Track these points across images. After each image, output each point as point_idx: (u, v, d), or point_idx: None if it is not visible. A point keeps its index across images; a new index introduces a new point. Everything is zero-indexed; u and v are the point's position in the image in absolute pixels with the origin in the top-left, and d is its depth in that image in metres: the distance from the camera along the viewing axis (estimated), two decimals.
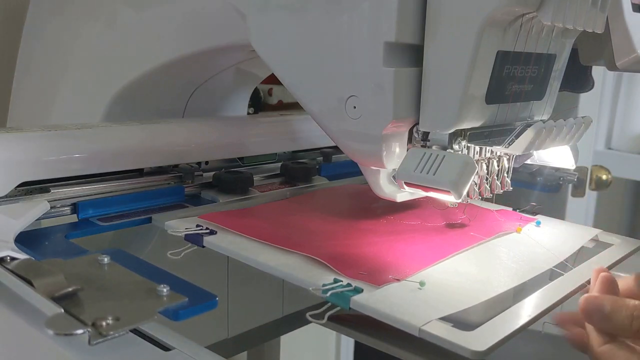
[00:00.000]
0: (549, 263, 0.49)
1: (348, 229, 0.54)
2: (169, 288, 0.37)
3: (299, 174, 0.71)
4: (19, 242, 0.45)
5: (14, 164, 0.52)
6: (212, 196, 0.63)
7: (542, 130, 0.47)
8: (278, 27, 0.49)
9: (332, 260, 0.45)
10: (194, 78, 0.75)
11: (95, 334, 0.32)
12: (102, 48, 0.72)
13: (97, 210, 0.55)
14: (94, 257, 0.41)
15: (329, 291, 0.40)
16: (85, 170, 0.56)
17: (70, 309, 0.34)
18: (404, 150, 0.48)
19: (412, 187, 0.47)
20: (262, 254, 0.47)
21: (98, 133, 0.59)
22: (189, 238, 0.50)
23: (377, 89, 0.45)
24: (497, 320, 0.38)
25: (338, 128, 0.49)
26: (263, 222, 0.54)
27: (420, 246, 0.51)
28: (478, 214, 0.59)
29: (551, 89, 0.53)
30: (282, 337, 0.98)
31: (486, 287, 0.44)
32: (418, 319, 0.37)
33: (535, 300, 0.42)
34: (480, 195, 0.53)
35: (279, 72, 0.51)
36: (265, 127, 0.76)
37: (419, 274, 0.45)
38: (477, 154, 0.50)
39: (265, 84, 1.15)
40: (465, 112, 0.45)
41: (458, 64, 0.43)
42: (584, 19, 0.45)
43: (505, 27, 0.44)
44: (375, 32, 0.44)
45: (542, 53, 0.49)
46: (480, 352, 0.34)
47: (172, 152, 0.63)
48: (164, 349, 0.35)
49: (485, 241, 0.53)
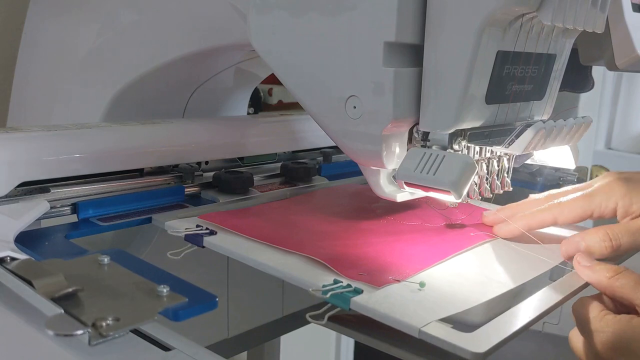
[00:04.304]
0: (549, 264, 0.49)
1: (348, 229, 0.54)
2: (169, 288, 0.37)
3: (299, 174, 0.71)
4: (19, 242, 0.45)
5: (14, 164, 0.52)
6: (212, 196, 0.62)
7: (542, 130, 0.47)
8: (278, 27, 0.49)
9: (332, 261, 0.45)
10: (194, 78, 0.75)
11: (95, 335, 0.32)
12: (102, 48, 0.72)
13: (97, 210, 0.55)
14: (94, 257, 0.41)
15: (329, 292, 0.40)
16: (85, 170, 0.56)
17: (70, 310, 0.33)
18: (404, 150, 0.48)
19: (412, 187, 0.47)
20: (262, 254, 0.47)
21: (98, 133, 0.59)
22: (189, 238, 0.50)
23: (377, 89, 0.45)
24: (497, 322, 0.38)
25: (338, 128, 0.49)
26: (263, 222, 0.54)
27: (420, 247, 0.51)
28: (478, 214, 0.59)
29: (551, 89, 0.53)
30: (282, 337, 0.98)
31: (486, 288, 0.44)
32: (418, 320, 0.37)
33: (535, 301, 0.42)
34: (480, 195, 0.53)
35: (278, 72, 0.51)
36: (265, 127, 0.76)
37: (419, 274, 0.45)
38: (477, 154, 0.50)
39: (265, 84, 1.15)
40: (465, 112, 0.45)
41: (458, 64, 0.43)
42: (584, 19, 0.45)
43: (505, 27, 0.44)
44: (375, 32, 0.44)
45: (542, 53, 0.49)
46: (480, 354, 0.34)
47: (172, 152, 0.63)
48: (164, 349, 0.35)
49: (485, 242, 0.53)
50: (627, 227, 0.49)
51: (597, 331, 0.43)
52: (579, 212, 0.51)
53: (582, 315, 0.45)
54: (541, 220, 0.53)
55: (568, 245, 0.50)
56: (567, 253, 0.50)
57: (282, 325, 0.82)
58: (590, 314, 0.44)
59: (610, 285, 0.44)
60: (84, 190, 0.56)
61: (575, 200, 0.51)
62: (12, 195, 0.51)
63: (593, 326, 0.43)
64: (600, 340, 0.43)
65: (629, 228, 0.49)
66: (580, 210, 0.51)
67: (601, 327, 0.43)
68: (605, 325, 0.43)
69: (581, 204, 0.51)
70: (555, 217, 0.51)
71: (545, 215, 0.52)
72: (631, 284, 0.44)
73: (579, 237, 0.50)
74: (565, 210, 0.51)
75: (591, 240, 0.49)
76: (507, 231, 0.54)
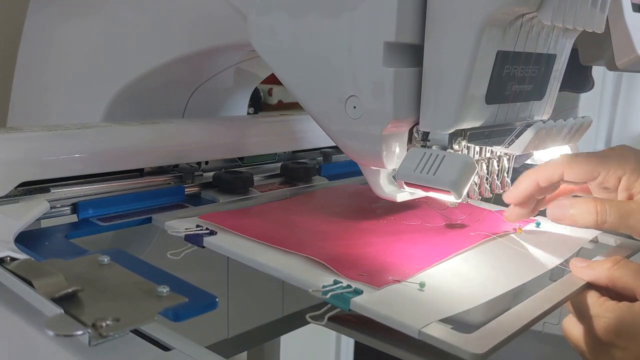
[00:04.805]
0: (549, 264, 0.49)
1: (348, 229, 0.54)
2: (169, 289, 0.37)
3: (299, 174, 0.70)
4: (19, 242, 0.45)
5: (14, 164, 0.52)
6: (212, 196, 0.62)
7: (542, 130, 0.47)
8: (278, 27, 0.49)
9: (332, 261, 0.45)
10: (194, 78, 0.75)
11: (95, 335, 0.32)
12: (102, 48, 0.72)
13: (97, 210, 0.55)
14: (94, 258, 0.41)
15: (329, 292, 0.40)
16: (85, 170, 0.56)
17: (70, 310, 0.33)
18: (404, 150, 0.48)
19: (412, 187, 0.47)
20: (262, 255, 0.47)
21: (98, 133, 0.59)
22: (189, 238, 0.50)
23: (377, 89, 0.45)
24: (497, 322, 0.38)
25: (338, 128, 0.49)
26: (263, 222, 0.54)
27: (420, 247, 0.51)
28: (478, 214, 0.59)
29: (551, 89, 0.53)
30: (282, 337, 0.98)
31: (486, 289, 0.43)
32: (418, 321, 0.37)
33: (535, 301, 0.42)
34: (480, 195, 0.53)
35: (279, 72, 0.51)
36: (265, 127, 0.76)
37: (419, 275, 0.45)
38: (477, 154, 0.50)
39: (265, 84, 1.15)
40: (465, 112, 0.45)
41: (458, 64, 0.43)
42: (584, 19, 0.45)
43: (505, 27, 0.44)
44: (375, 32, 0.44)
45: (542, 53, 0.49)
46: (480, 355, 0.34)
47: (172, 152, 0.63)
48: (164, 349, 0.35)
49: (485, 242, 0.53)
50: (618, 207, 0.49)
51: (597, 316, 0.43)
52: (587, 168, 0.50)
53: (580, 302, 0.45)
54: (549, 174, 0.51)
55: (555, 209, 0.51)
56: (553, 215, 0.51)
57: (282, 325, 0.82)
58: (589, 300, 0.44)
59: (611, 276, 0.45)
60: (84, 190, 0.56)
61: (588, 157, 0.50)
62: (12, 195, 0.51)
63: (593, 311, 0.44)
64: (601, 325, 0.43)
65: (620, 208, 0.48)
66: (589, 167, 0.50)
67: (602, 312, 0.43)
68: (606, 311, 0.43)
69: (593, 161, 0.50)
70: (563, 171, 0.50)
71: (555, 169, 0.51)
72: (631, 272, 0.44)
73: (569, 202, 0.50)
74: (575, 166, 0.50)
75: (579, 208, 0.49)
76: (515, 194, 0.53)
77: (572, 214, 0.49)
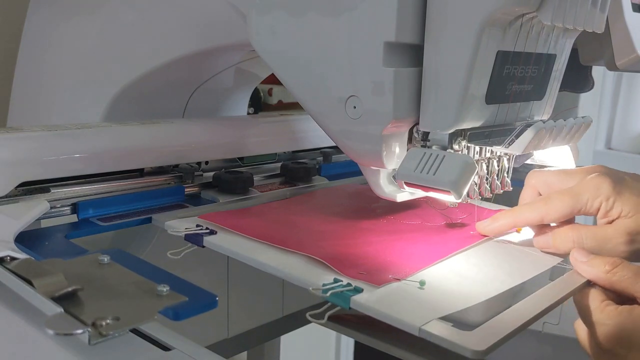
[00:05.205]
0: (548, 263, 0.50)
1: (348, 229, 0.54)
2: (169, 288, 0.37)
3: (299, 174, 0.71)
4: (19, 242, 0.45)
5: (14, 164, 0.52)
6: (212, 196, 0.62)
7: (542, 130, 0.47)
8: (278, 27, 0.49)
9: (332, 260, 0.45)
10: (194, 78, 0.75)
11: (95, 334, 0.32)
12: (102, 48, 0.72)
13: (97, 210, 0.55)
14: (94, 257, 0.41)
15: (329, 291, 0.40)
16: (85, 170, 0.56)
17: (70, 309, 0.34)
18: (404, 150, 0.48)
19: (412, 187, 0.47)
20: (262, 254, 0.47)
21: (98, 133, 0.59)
22: (189, 238, 0.50)
23: (377, 89, 0.45)
24: (497, 320, 0.38)
25: (338, 128, 0.49)
26: (263, 222, 0.54)
27: (420, 246, 0.51)
28: (478, 214, 0.59)
29: (551, 89, 0.53)
30: (282, 337, 0.98)
31: (486, 287, 0.44)
32: (418, 319, 0.37)
33: (535, 299, 0.42)
34: (480, 195, 0.53)
35: (278, 72, 0.51)
36: (265, 127, 0.76)
37: (419, 273, 0.45)
38: (477, 154, 0.50)
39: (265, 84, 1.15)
40: (465, 112, 0.45)
41: (458, 64, 0.43)
42: (584, 19, 0.45)
43: (505, 27, 0.44)
44: (375, 32, 0.44)
45: (542, 53, 0.49)
46: (480, 352, 0.34)
47: (172, 152, 0.63)
48: (164, 349, 0.35)
49: (485, 241, 0.53)
50: (594, 233, 0.50)
51: (598, 323, 0.43)
52: (566, 211, 0.51)
53: (583, 306, 0.45)
54: (527, 218, 0.52)
55: (540, 238, 0.52)
56: (538, 244, 0.52)
57: (282, 325, 0.82)
58: (591, 305, 0.44)
59: (609, 280, 0.45)
60: (84, 190, 0.56)
61: (562, 199, 0.51)
62: (12, 195, 0.51)
63: (594, 318, 0.44)
64: (602, 333, 0.43)
65: (596, 234, 0.50)
66: (567, 209, 0.51)
67: (602, 319, 0.43)
68: (607, 318, 0.43)
69: (568, 203, 0.51)
70: (542, 216, 0.51)
71: (532, 213, 0.52)
72: (630, 275, 0.44)
73: (550, 234, 0.51)
74: (552, 210, 0.51)
75: (557, 237, 0.51)
76: (492, 229, 0.54)
77: (554, 242, 0.51)
